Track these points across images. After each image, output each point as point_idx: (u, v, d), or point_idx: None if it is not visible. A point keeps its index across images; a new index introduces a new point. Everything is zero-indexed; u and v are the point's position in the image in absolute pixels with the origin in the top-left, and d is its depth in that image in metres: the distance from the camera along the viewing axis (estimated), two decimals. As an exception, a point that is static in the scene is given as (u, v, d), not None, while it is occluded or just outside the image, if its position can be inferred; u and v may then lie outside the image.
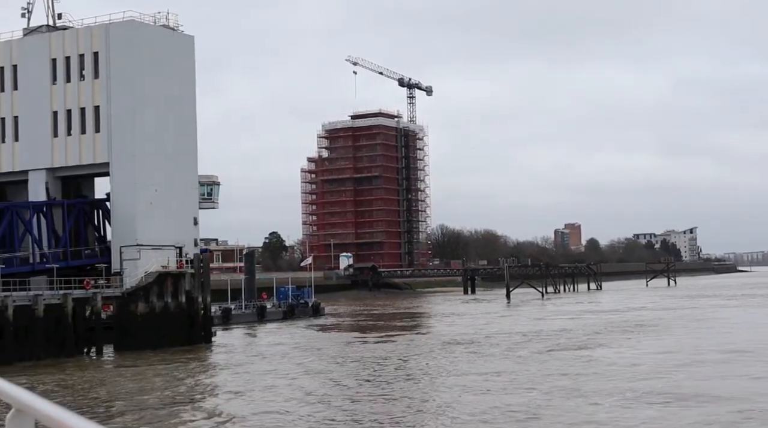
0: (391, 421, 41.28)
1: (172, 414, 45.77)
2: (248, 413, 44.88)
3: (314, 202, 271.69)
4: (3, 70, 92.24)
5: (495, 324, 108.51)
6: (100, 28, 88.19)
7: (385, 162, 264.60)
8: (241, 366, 67.94)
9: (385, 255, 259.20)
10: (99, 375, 67.34)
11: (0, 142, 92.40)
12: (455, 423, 40.46)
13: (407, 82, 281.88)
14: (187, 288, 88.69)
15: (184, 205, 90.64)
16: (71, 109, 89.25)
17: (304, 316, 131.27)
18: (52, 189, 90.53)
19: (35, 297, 76.92)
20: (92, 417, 45.30)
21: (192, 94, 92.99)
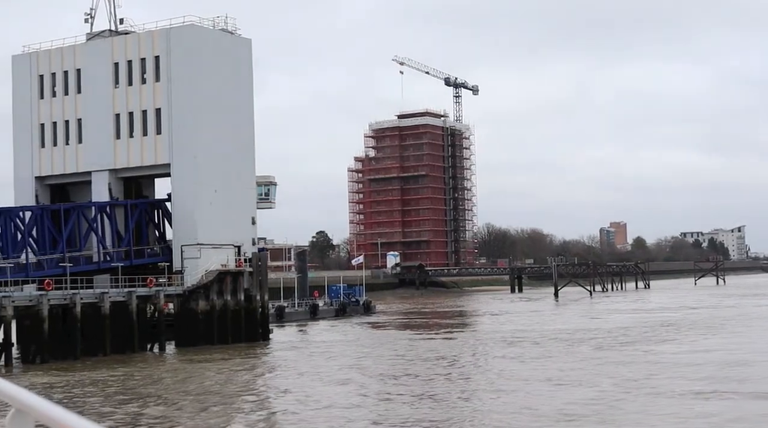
0: (466, 419, 42.38)
1: (232, 408, 47.04)
2: (307, 409, 45.72)
3: (361, 202, 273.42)
4: (67, 74, 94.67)
5: (550, 321, 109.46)
6: (161, 32, 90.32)
7: (432, 161, 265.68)
8: (300, 363, 69.30)
9: (431, 254, 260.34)
10: (162, 370, 69.22)
11: (64, 144, 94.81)
12: (536, 415, 41.63)
13: (453, 81, 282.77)
14: (246, 286, 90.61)
15: (242, 204, 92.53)
16: (133, 111, 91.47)
17: (355, 314, 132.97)
18: (115, 189, 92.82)
19: (101, 294, 79.19)
20: (156, 409, 47.05)
21: (249, 95, 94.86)
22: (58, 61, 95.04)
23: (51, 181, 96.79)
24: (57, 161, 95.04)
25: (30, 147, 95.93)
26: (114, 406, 48.14)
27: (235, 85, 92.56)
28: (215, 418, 43.64)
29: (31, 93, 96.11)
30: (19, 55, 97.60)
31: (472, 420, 41.43)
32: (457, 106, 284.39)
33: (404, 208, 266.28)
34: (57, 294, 75.91)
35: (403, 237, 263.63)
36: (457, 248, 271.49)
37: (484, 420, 41.33)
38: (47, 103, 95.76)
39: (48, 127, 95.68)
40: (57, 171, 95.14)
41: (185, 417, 44.40)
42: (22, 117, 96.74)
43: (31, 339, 75.02)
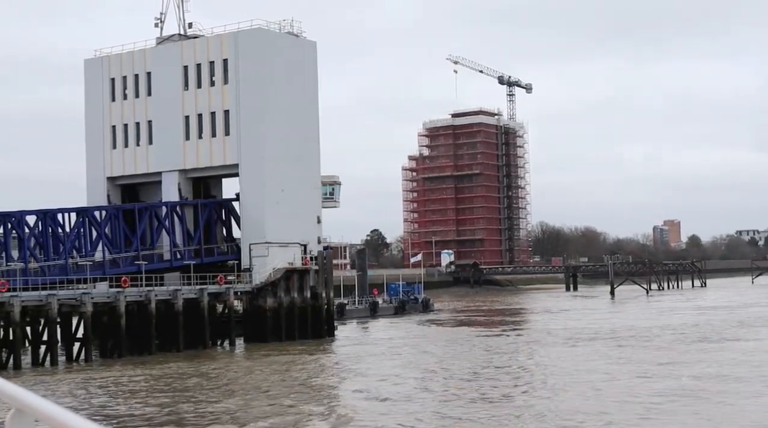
0: (552, 412, 43.60)
1: (302, 401, 48.15)
2: (373, 404, 46.63)
3: (415, 200, 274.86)
4: (137, 77, 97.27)
5: (615, 319, 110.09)
6: (229, 36, 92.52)
7: (486, 159, 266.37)
8: (366, 358, 70.69)
9: (485, 253, 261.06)
10: (234, 365, 71.13)
11: (135, 145, 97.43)
12: (628, 405, 42.85)
13: (507, 79, 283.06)
14: (312, 283, 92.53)
15: (308, 204, 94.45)
16: (202, 113, 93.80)
17: (414, 312, 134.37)
18: (184, 189, 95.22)
19: (174, 291, 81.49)
20: (232, 401, 48.77)
21: (314, 97, 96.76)
22: (129, 65, 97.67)
23: (122, 182, 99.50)
24: (128, 162, 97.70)
25: (102, 148, 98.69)
26: (192, 400, 50.01)
27: (300, 86, 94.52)
28: (286, 411, 44.77)
29: (102, 96, 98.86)
30: (91, 59, 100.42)
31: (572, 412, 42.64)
32: (511, 104, 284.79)
33: (458, 207, 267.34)
34: (133, 291, 78.34)
35: (457, 235, 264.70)
36: (511, 246, 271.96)
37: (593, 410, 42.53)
38: (118, 106, 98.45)
39: (119, 129, 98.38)
40: (128, 171, 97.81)
41: (259, 409, 45.78)
42: (94, 119, 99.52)
43: (109, 334, 77.43)
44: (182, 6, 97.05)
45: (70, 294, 74.95)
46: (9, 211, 78.22)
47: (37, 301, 71.89)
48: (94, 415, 45.31)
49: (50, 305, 71.70)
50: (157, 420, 43.09)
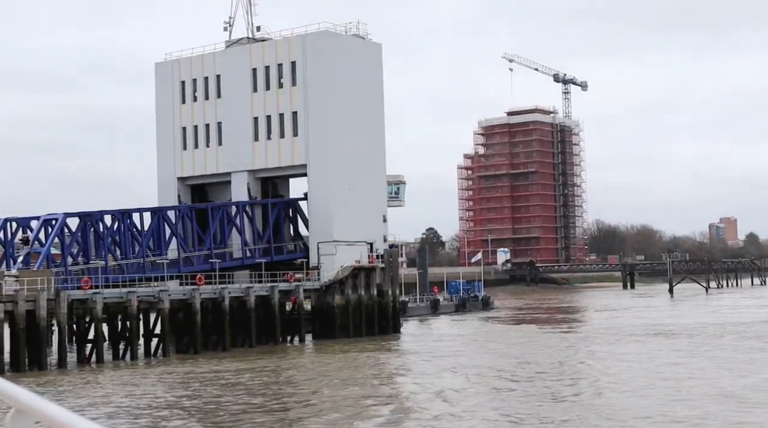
0: (639, 407, 44.66)
1: (370, 396, 49.48)
2: (438, 400, 47.07)
3: (471, 198, 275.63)
4: (207, 80, 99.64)
5: (680, 316, 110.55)
6: (297, 38, 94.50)
7: (541, 157, 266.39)
8: (433, 355, 71.72)
9: (541, 251, 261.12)
10: (305, 360, 72.98)
11: (205, 146, 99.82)
12: (723, 399, 43.87)
13: (562, 77, 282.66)
14: (378, 281, 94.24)
15: (374, 203, 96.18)
16: (270, 114, 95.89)
17: (474, 309, 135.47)
18: (253, 189, 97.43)
19: (247, 289, 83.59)
20: (300, 395, 50.35)
21: (380, 97, 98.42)
22: (198, 68, 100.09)
23: (191, 182, 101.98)
24: (198, 162, 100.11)
25: (172, 149, 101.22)
26: (267, 394, 51.80)
27: (366, 87, 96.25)
28: (355, 407, 45.78)
29: (173, 98, 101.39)
30: (161, 62, 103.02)
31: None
32: (566, 102, 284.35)
33: (514, 205, 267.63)
34: (207, 288, 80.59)
35: (512, 233, 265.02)
36: (567, 244, 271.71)
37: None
38: (188, 108, 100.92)
39: (189, 131, 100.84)
40: (198, 172, 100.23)
41: (333, 401, 47.20)
42: (164, 121, 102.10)
43: (185, 330, 79.71)
44: (250, 10, 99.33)
45: (148, 291, 77.45)
46: (89, 211, 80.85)
47: (117, 298, 74.42)
48: (206, 405, 47.41)
49: (130, 302, 74.18)
50: (261, 409, 44.92)
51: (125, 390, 54.16)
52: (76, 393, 53.54)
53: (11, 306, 66.38)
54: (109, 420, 42.95)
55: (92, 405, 48.27)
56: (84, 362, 70.86)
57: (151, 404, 48.17)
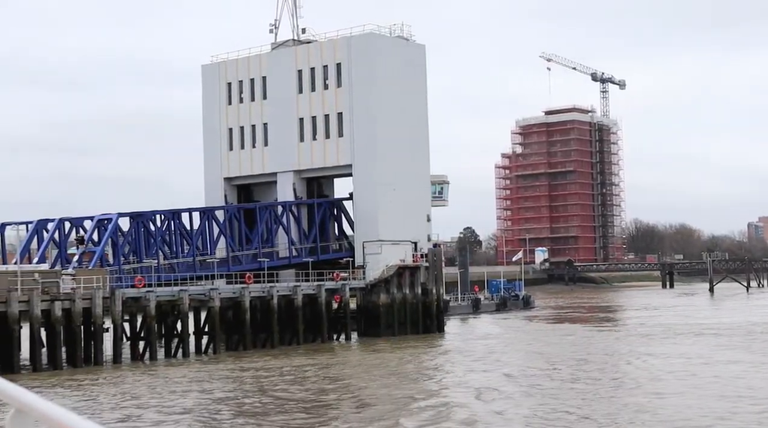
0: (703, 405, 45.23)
1: (414, 393, 50.41)
2: (481, 399, 47.49)
3: (508, 198, 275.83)
4: (253, 82, 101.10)
5: (727, 315, 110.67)
6: (342, 40, 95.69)
7: (579, 157, 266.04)
8: (478, 352, 72.58)
9: (579, 250, 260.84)
10: (353, 358, 74.04)
11: (251, 147, 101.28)
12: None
13: (600, 76, 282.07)
14: (422, 280, 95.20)
15: (418, 202, 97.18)
16: (316, 115, 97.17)
17: (515, 308, 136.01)
18: (298, 189, 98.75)
19: (294, 288, 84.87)
20: (346, 392, 51.31)
21: (424, 98, 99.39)
22: (244, 70, 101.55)
23: (237, 182, 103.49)
24: (244, 163, 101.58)
25: (219, 150, 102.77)
26: (316, 390, 53.03)
27: (410, 88, 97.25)
28: (400, 403, 46.61)
29: (219, 100, 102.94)
30: (208, 64, 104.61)
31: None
32: (604, 100, 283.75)
33: (552, 204, 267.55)
34: (256, 287, 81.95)
35: (550, 232, 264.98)
36: (605, 243, 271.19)
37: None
38: (234, 109, 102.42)
39: (236, 131, 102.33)
40: (244, 172, 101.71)
41: (378, 400, 48.03)
42: (211, 122, 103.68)
43: (234, 328, 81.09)
44: (296, 13, 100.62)
45: (199, 289, 78.93)
46: (141, 211, 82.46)
47: (169, 296, 75.98)
48: (262, 398, 48.63)
49: (182, 300, 75.68)
50: (310, 404, 46.07)
51: (199, 386, 55.51)
52: (152, 388, 54.97)
53: (69, 304, 68.04)
54: (185, 415, 44.30)
55: (169, 400, 49.64)
56: (137, 359, 72.39)
57: (219, 398, 49.49)
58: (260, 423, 41.88)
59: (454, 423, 40.47)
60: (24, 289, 66.10)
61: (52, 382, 58.62)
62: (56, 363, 66.56)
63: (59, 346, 67.16)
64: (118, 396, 51.61)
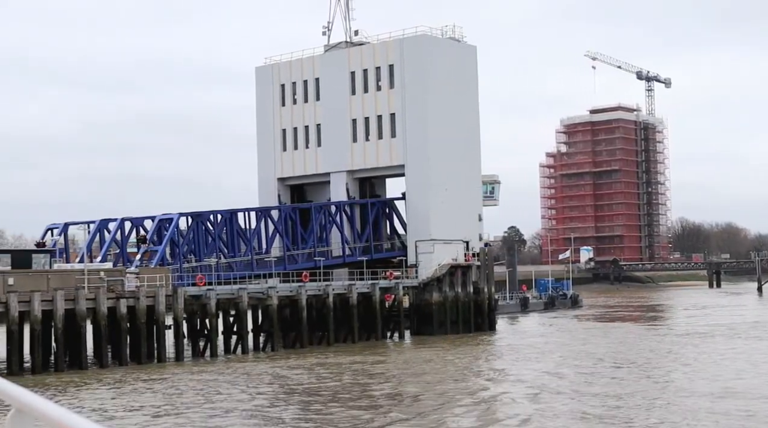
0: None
1: (469, 390, 51.14)
2: (534, 397, 47.69)
3: (553, 197, 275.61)
4: (306, 83, 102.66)
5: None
6: (394, 42, 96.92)
7: (625, 156, 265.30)
8: (529, 352, 73.23)
9: (624, 249, 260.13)
10: (408, 355, 74.97)
11: (304, 147, 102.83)
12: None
13: (645, 74, 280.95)
14: (474, 279, 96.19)
15: (470, 202, 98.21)
16: (369, 116, 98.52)
17: (563, 307, 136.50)
18: (351, 189, 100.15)
19: (350, 286, 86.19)
20: (401, 388, 52.27)
21: (475, 99, 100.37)
22: (298, 72, 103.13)
23: (291, 182, 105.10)
24: (297, 163, 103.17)
25: (272, 151, 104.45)
26: (368, 387, 54.19)
27: (462, 89, 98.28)
28: (452, 400, 47.33)
29: (273, 101, 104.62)
30: (261, 66, 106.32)
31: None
32: (650, 99, 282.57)
33: (597, 203, 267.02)
34: (312, 285, 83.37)
35: (595, 231, 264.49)
36: (650, 243, 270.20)
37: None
38: (288, 110, 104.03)
39: (289, 132, 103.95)
40: (297, 172, 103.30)
41: (430, 396, 48.70)
42: (265, 123, 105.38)
43: (291, 326, 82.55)
44: (348, 15, 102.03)
45: (258, 288, 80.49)
46: (200, 211, 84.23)
47: (229, 294, 77.60)
48: (339, 393, 49.96)
49: (241, 298, 77.26)
50: (367, 399, 47.31)
51: (281, 380, 57.15)
52: (233, 381, 56.50)
53: (133, 302, 69.84)
54: (254, 411, 45.71)
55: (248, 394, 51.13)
56: (198, 356, 74.06)
57: (291, 391, 50.92)
58: (337, 411, 43.17)
59: (508, 420, 41.07)
60: (90, 287, 67.96)
61: (134, 377, 60.21)
62: (121, 359, 68.37)
63: (124, 343, 68.94)
64: (204, 389, 53.08)
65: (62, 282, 67.49)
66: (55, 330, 65.95)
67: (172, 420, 42.75)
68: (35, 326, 64.65)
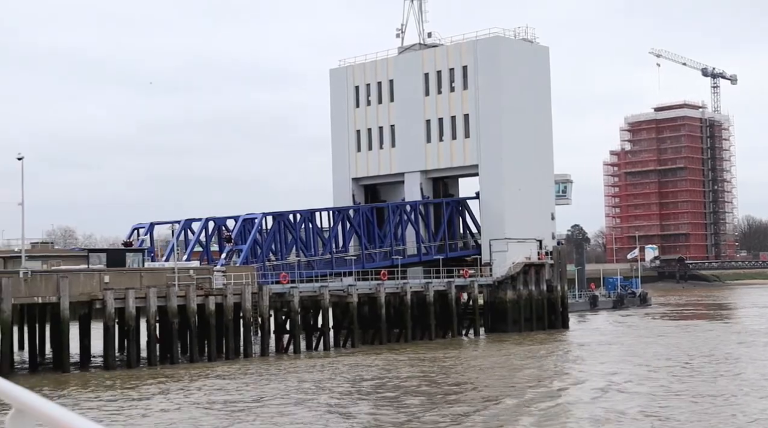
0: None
1: (544, 387, 52.01)
2: (606, 396, 47.53)
3: (617, 195, 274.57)
4: (380, 85, 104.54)
5: None
6: (468, 44, 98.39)
7: (690, 153, 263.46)
8: (604, 350, 73.98)
9: (690, 247, 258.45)
10: (488, 352, 76.45)
11: (378, 148, 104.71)
12: None
13: (711, 71, 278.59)
14: (547, 277, 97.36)
15: (542, 201, 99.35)
16: (442, 117, 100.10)
17: (632, 306, 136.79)
18: (425, 189, 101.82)
19: (426, 284, 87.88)
20: (478, 385, 53.54)
21: (547, 99, 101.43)
22: (372, 73, 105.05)
23: (365, 182, 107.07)
24: (372, 164, 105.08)
25: (347, 151, 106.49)
26: (444, 381, 55.67)
27: (534, 89, 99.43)
28: (525, 396, 48.22)
29: (347, 102, 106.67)
30: (336, 68, 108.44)
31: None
32: (715, 96, 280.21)
33: (662, 201, 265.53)
34: (390, 283, 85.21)
35: (660, 230, 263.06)
36: (716, 241, 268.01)
37: None
38: (362, 112, 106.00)
39: (363, 133, 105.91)
40: (372, 172, 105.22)
41: (504, 392, 49.67)
42: (339, 124, 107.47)
43: (369, 323, 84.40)
44: (421, 18, 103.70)
45: (339, 285, 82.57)
46: (282, 211, 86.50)
47: (311, 292, 79.70)
48: (418, 386, 51.65)
49: (323, 295, 79.34)
50: (448, 394, 48.88)
51: (385, 372, 59.08)
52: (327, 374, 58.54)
53: (221, 299, 72.24)
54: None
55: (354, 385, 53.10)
56: (281, 351, 76.29)
57: (380, 385, 52.78)
58: (413, 403, 44.84)
59: (583, 417, 41.49)
60: (180, 285, 70.46)
61: (236, 370, 62.48)
62: (210, 354, 70.78)
63: (213, 339, 71.35)
64: (319, 380, 55.17)
65: (154, 280, 70.09)
66: (148, 326, 68.51)
67: (277, 409, 44.73)
68: (130, 322, 67.29)
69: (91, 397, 51.10)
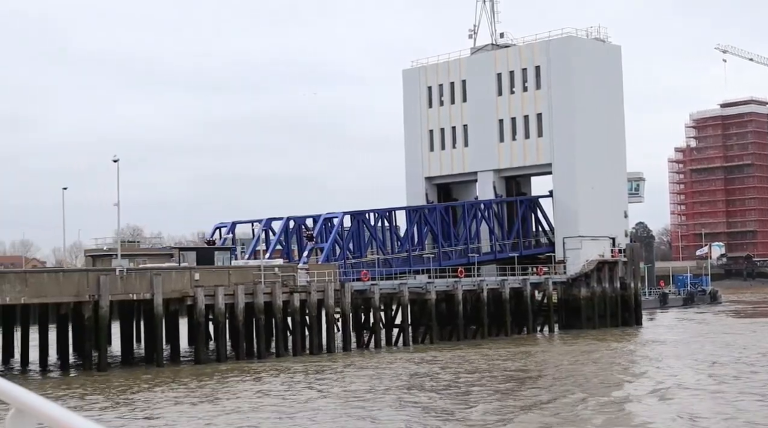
0: None
1: (617, 385, 52.19)
2: (681, 396, 46.63)
3: (683, 192, 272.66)
4: (453, 85, 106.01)
5: None
6: (541, 44, 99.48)
7: (757, 149, 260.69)
8: (680, 347, 74.15)
9: (758, 245, 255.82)
10: (566, 348, 77.33)
11: (451, 147, 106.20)
12: None
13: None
14: (621, 275, 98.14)
15: (615, 199, 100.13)
16: (515, 116, 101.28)
17: (702, 303, 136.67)
18: (498, 187, 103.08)
19: (502, 281, 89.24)
20: (561, 376, 54.33)
21: (620, 97, 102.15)
22: (444, 74, 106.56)
23: (437, 181, 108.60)
24: (445, 163, 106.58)
25: (420, 151, 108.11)
26: (520, 376, 56.85)
27: (607, 88, 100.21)
28: (599, 392, 49.04)
29: (420, 102, 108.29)
30: (408, 69, 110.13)
31: None
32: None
33: (728, 198, 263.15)
34: (467, 281, 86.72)
35: (726, 227, 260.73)
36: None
37: None
38: (435, 111, 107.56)
39: (436, 133, 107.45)
40: (444, 172, 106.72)
41: (592, 388, 49.99)
42: (412, 124, 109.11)
43: (447, 320, 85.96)
44: (493, 19, 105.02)
45: (417, 283, 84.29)
46: (361, 210, 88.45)
47: (391, 289, 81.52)
48: (513, 377, 53.02)
49: (402, 293, 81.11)
50: (526, 389, 50.18)
51: (471, 365, 60.70)
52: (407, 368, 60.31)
53: (305, 296, 74.35)
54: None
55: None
56: (362, 347, 78.22)
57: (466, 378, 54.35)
58: (488, 396, 46.24)
59: (663, 417, 41.01)
60: (266, 282, 72.65)
61: (331, 363, 64.48)
62: (296, 350, 72.90)
63: (299, 334, 73.48)
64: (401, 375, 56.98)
65: (242, 277, 72.38)
66: (236, 322, 70.82)
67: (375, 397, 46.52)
68: (219, 318, 69.65)
69: (225, 389, 53.23)
